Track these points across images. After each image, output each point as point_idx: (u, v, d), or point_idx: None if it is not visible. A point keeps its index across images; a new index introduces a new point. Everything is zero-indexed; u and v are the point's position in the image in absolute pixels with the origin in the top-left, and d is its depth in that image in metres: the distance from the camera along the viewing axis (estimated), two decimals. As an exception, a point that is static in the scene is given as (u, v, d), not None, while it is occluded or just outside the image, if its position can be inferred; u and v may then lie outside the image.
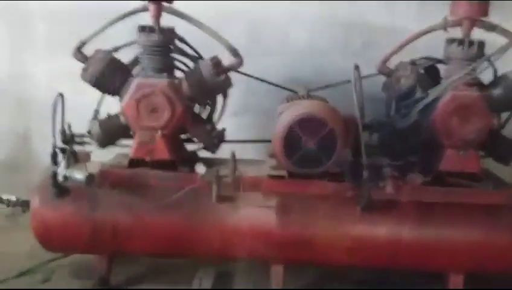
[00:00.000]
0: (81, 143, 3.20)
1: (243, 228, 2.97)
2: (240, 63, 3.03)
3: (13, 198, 3.41)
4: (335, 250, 2.98)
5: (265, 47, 3.94)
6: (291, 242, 2.96)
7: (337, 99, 3.22)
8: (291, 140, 2.83)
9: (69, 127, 3.13)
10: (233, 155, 2.93)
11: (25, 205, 3.29)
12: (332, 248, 2.98)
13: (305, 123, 2.81)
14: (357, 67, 2.94)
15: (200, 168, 2.96)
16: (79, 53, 3.04)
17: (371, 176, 2.85)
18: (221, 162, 3.23)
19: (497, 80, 3.05)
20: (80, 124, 3.18)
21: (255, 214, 2.98)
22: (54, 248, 3.16)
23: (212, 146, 3.11)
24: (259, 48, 3.91)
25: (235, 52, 3.02)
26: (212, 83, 2.98)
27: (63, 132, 3.10)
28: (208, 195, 2.97)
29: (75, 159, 3.08)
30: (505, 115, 3.15)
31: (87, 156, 3.19)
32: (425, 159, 3.18)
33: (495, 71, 3.06)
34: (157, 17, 3.00)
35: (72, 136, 3.16)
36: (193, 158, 3.27)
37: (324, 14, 3.88)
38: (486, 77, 3.09)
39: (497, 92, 3.00)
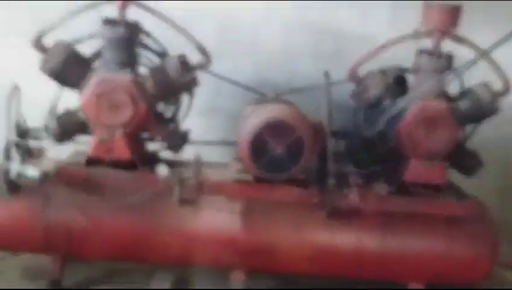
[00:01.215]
0: (37, 138, 3.03)
1: (205, 232, 2.88)
2: (208, 62, 2.93)
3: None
4: (297, 258, 2.93)
5: (236, 47, 3.85)
6: (255, 249, 2.90)
7: (305, 104, 3.20)
8: (258, 144, 2.76)
9: (24, 121, 2.96)
10: (198, 157, 2.83)
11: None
12: (295, 256, 2.93)
13: (272, 128, 2.74)
14: (326, 74, 2.90)
15: (162, 169, 2.84)
16: (39, 43, 2.88)
17: (336, 183, 2.81)
18: (184, 163, 3.12)
19: (463, 93, 3.06)
20: (36, 118, 3.01)
21: (218, 218, 2.89)
22: (3, 247, 2.99)
23: (176, 147, 3.00)
24: (229, 48, 3.82)
25: (203, 51, 2.93)
26: (178, 82, 2.87)
27: (18, 126, 2.93)
28: (169, 198, 2.86)
29: (29, 154, 2.91)
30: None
31: (41, 152, 3.03)
32: (391, 168, 3.16)
33: (461, 83, 3.06)
34: (122, 9, 2.87)
35: (27, 130, 2.99)
36: (154, 159, 3.16)
37: (296, 17, 3.82)
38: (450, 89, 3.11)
39: (464, 104, 3.01)
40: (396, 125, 3.00)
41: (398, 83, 3.18)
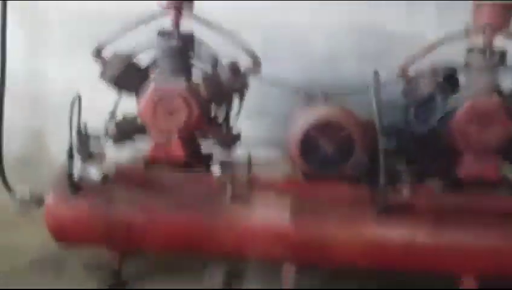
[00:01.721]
0: (98, 142, 3.20)
1: (257, 228, 2.96)
2: (258, 66, 3.04)
3: (27, 193, 3.40)
4: (349, 252, 2.95)
5: (282, 52, 3.94)
6: (305, 244, 2.94)
7: (356, 105, 3.23)
8: (308, 143, 2.82)
9: (85, 127, 3.14)
10: (249, 156, 2.93)
11: (39, 200, 3.29)
12: (347, 250, 2.94)
13: (322, 127, 2.80)
14: (376, 73, 2.93)
15: (215, 169, 2.95)
16: (98, 54, 3.07)
17: (388, 180, 2.83)
18: (236, 163, 3.22)
19: (517, 88, 3.03)
20: (95, 124, 3.20)
21: (269, 214, 2.96)
22: (67, 242, 3.17)
23: (228, 147, 3.11)
24: (276, 53, 3.92)
25: (253, 56, 3.03)
26: (229, 86, 2.99)
27: (79, 132, 3.12)
28: (222, 195, 2.96)
29: (90, 158, 3.09)
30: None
31: (102, 156, 3.20)
32: (443, 165, 3.15)
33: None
34: (177, 22, 3.03)
35: (88, 136, 3.17)
36: (208, 159, 3.28)
37: (341, 19, 3.87)
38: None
39: (517, 99, 2.97)
40: (448, 122, 2.99)
41: (450, 81, 3.16)
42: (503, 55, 2.98)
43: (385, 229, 2.93)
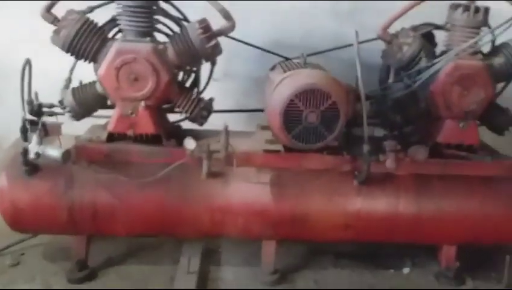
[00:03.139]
0: (51, 114, 2.86)
1: (236, 205, 2.79)
2: (232, 27, 2.75)
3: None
4: (331, 225, 2.87)
5: (247, 8, 3.63)
6: (287, 218, 2.83)
7: (328, 65, 3.06)
8: (291, 113, 2.62)
9: (37, 96, 2.78)
10: (226, 128, 2.69)
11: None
12: (329, 224, 2.86)
13: (305, 94, 2.60)
14: (356, 34, 2.73)
15: (189, 143, 2.70)
16: (49, 14, 2.66)
17: (371, 150, 2.70)
18: (207, 134, 2.99)
19: (497, 49, 2.93)
20: (47, 93, 2.83)
21: (248, 190, 2.79)
22: (25, 229, 2.88)
23: (201, 118, 2.85)
24: (241, 8, 3.60)
25: (227, 15, 2.73)
26: (201, 50, 2.69)
27: (30, 102, 2.76)
28: (197, 171, 2.74)
29: (45, 132, 2.75)
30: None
31: (58, 129, 2.86)
32: (422, 130, 3.05)
33: (493, 40, 2.93)
34: (141, -27, 2.66)
35: (40, 106, 2.81)
36: (177, 131, 3.01)
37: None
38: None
39: (498, 61, 2.89)
40: (428, 84, 2.87)
41: (426, 39, 3.03)
42: (486, 13, 2.85)
43: (367, 200, 2.84)
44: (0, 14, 3.58)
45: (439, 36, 3.12)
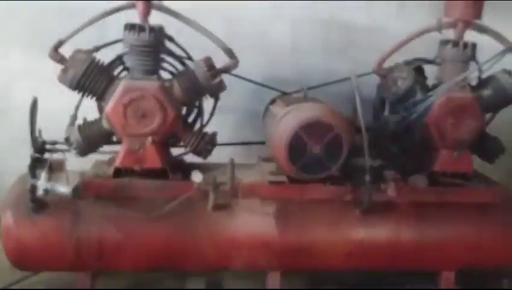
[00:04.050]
0: (53, 151, 2.89)
1: (241, 236, 2.82)
2: (236, 64, 2.86)
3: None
4: (335, 255, 2.92)
5: (244, 45, 3.76)
6: (291, 249, 2.86)
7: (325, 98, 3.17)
8: (296, 145, 2.70)
9: (40, 133, 2.82)
10: (232, 161, 2.76)
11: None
12: (332, 253, 2.91)
13: (310, 127, 2.69)
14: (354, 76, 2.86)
15: (197, 176, 2.75)
16: (56, 53, 2.73)
17: (372, 179, 2.79)
18: (210, 167, 3.04)
19: (485, 81, 3.10)
20: (53, 130, 2.86)
21: (253, 221, 2.84)
22: (30, 268, 2.85)
23: (205, 151, 2.91)
24: (237, 45, 3.73)
25: (230, 53, 2.84)
26: (207, 86, 2.78)
27: (35, 140, 2.78)
28: (202, 204, 2.78)
29: (49, 169, 2.77)
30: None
31: (61, 165, 2.88)
32: (418, 159, 3.17)
33: (481, 73, 3.10)
34: (146, 14, 2.76)
35: (44, 143, 2.84)
36: (180, 164, 3.06)
37: (304, 12, 3.77)
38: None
39: (487, 92, 3.05)
40: (423, 116, 3.00)
41: (418, 73, 3.18)
42: (474, 48, 3.02)
43: (369, 229, 2.90)
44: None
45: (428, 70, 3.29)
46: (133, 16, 2.84)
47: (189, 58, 2.94)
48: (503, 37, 3.00)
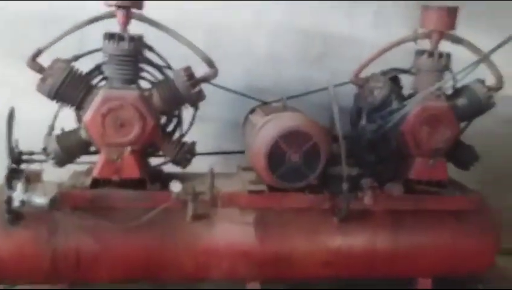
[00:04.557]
0: (29, 161, 2.86)
1: (220, 246, 2.83)
2: (215, 73, 2.87)
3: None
4: (313, 264, 2.95)
5: (223, 54, 3.77)
6: (270, 259, 2.88)
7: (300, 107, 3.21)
8: (275, 154, 2.73)
9: (17, 144, 2.79)
10: (212, 171, 2.76)
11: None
12: (311, 262, 2.94)
13: (288, 136, 2.72)
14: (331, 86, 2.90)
15: (175, 186, 2.74)
16: (34, 62, 2.71)
17: (349, 187, 2.83)
18: (188, 176, 3.04)
19: (460, 90, 3.17)
20: (29, 140, 2.84)
21: (232, 231, 2.85)
22: (6, 281, 2.81)
23: (184, 161, 2.91)
24: (217, 55, 3.75)
25: (210, 63, 2.86)
26: (186, 96, 2.78)
27: (11, 150, 2.75)
28: (181, 214, 2.78)
29: (26, 180, 2.73)
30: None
31: (38, 176, 2.86)
32: (394, 167, 3.22)
33: (455, 82, 3.17)
34: (125, 24, 2.75)
35: (21, 154, 2.81)
36: (159, 174, 3.05)
37: (283, 22, 3.80)
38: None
39: (461, 101, 3.11)
40: (399, 125, 3.05)
41: (393, 83, 3.24)
42: (448, 58, 3.09)
43: (346, 237, 2.94)
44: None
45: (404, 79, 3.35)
46: (113, 25, 2.84)
47: (169, 67, 2.94)
48: (477, 47, 3.07)
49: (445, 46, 3.18)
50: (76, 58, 2.78)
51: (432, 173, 3.14)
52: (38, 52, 2.70)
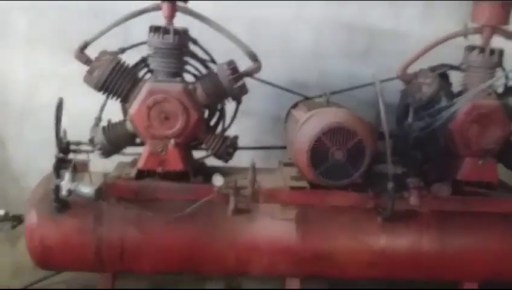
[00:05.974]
0: (77, 152, 2.92)
1: (260, 241, 2.82)
2: (259, 68, 2.86)
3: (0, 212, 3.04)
4: (355, 263, 2.89)
5: (265, 48, 3.75)
6: (311, 255, 2.85)
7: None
8: (318, 150, 2.69)
9: (65, 134, 2.85)
10: (253, 165, 2.76)
11: (16, 219, 2.95)
12: (353, 261, 2.89)
13: (333, 133, 2.67)
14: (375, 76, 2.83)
15: (218, 179, 2.75)
16: (82, 54, 2.76)
17: (395, 187, 2.76)
18: (231, 171, 3.04)
19: (511, 89, 3.04)
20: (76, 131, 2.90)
21: (273, 227, 2.83)
22: (53, 267, 2.89)
23: (226, 155, 2.91)
24: (259, 49, 3.73)
25: (253, 57, 2.84)
26: (229, 90, 2.78)
27: (59, 140, 2.82)
28: (223, 208, 2.78)
29: (73, 169, 2.80)
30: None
31: (85, 166, 2.91)
32: (441, 167, 3.12)
33: (507, 80, 3.05)
34: (171, 17, 2.77)
35: (68, 144, 2.88)
36: (202, 168, 3.07)
37: (327, 16, 3.75)
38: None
39: (513, 100, 2.99)
40: (448, 123, 2.96)
41: (442, 79, 3.14)
42: (501, 55, 2.97)
43: (391, 238, 2.87)
44: (19, 53, 3.65)
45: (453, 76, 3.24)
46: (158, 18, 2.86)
47: (213, 61, 2.94)
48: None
49: (497, 42, 3.05)
50: (123, 50, 2.82)
51: (481, 174, 3.03)
52: (86, 45, 2.75)
